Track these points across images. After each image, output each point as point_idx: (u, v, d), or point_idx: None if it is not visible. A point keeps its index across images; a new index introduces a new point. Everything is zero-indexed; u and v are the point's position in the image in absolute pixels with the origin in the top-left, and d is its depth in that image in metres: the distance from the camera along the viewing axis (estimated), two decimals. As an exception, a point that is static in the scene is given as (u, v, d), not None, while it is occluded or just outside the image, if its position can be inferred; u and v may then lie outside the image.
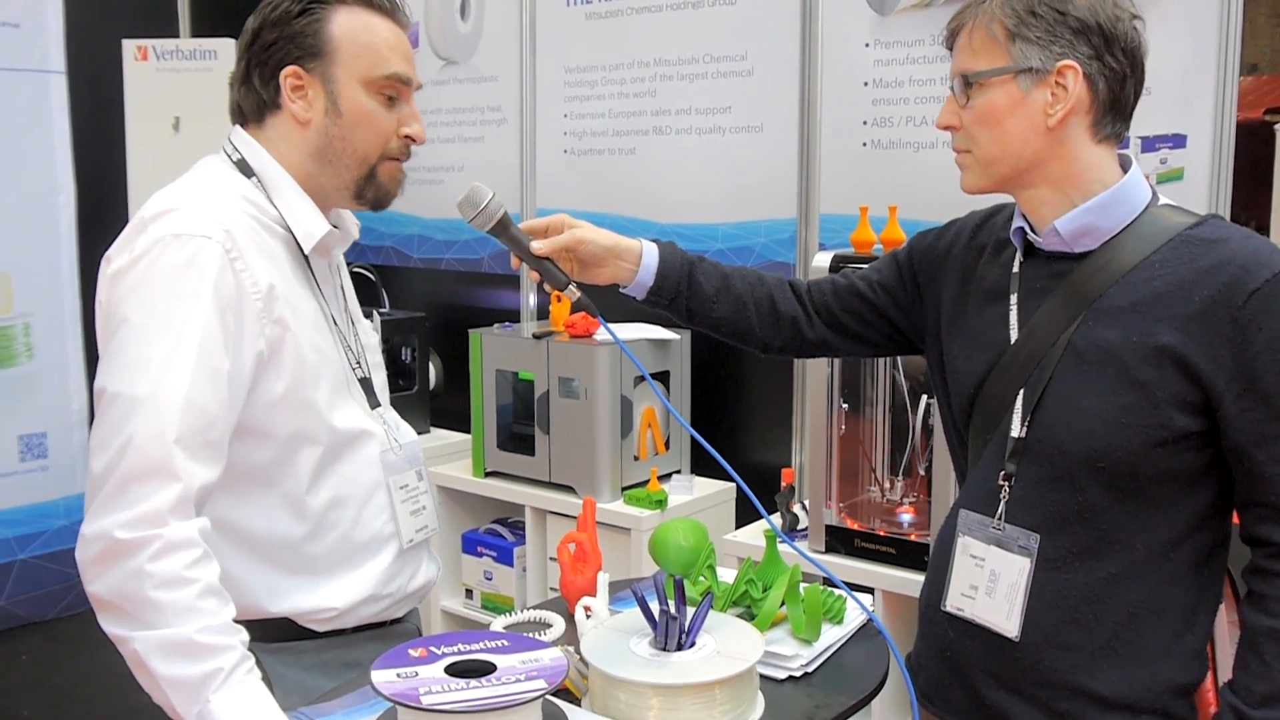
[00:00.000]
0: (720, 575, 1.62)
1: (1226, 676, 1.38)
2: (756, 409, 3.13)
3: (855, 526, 2.48)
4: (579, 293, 1.58)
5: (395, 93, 1.51)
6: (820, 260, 2.44)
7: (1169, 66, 2.36)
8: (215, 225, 1.37)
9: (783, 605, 1.50)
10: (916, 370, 2.46)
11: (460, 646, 1.30)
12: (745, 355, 2.96)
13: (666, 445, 3.08)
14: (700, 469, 3.14)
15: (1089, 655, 1.37)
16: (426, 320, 3.61)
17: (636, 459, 2.98)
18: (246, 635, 1.28)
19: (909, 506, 2.51)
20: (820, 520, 2.49)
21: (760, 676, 1.39)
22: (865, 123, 2.79)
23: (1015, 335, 1.45)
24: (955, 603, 1.46)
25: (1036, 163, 1.40)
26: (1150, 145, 2.42)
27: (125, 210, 3.93)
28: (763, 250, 3.01)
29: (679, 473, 3.11)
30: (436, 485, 3.25)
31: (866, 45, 2.77)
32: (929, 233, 1.67)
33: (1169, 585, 1.37)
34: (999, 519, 1.42)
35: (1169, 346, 1.31)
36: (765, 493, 2.78)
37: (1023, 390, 1.42)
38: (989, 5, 1.40)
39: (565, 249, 1.58)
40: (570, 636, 1.53)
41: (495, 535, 3.24)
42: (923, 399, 2.42)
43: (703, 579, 1.56)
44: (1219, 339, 1.30)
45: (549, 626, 1.57)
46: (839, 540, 2.48)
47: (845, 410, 2.52)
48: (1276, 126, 2.39)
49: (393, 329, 3.59)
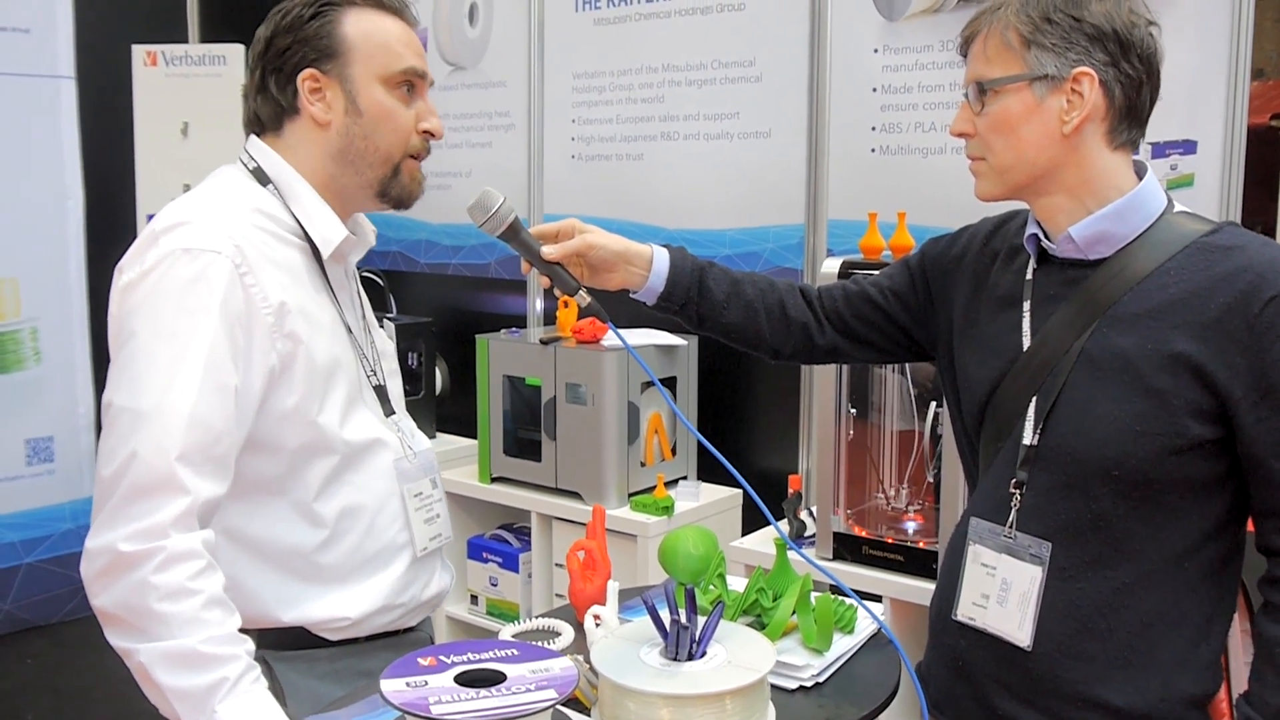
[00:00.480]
0: (733, 583, 1.61)
1: (1241, 688, 1.37)
2: (763, 415, 3.12)
3: (863, 534, 2.46)
4: (589, 298, 1.57)
5: (412, 88, 1.51)
6: (829, 266, 2.43)
7: (1179, 72, 2.34)
8: (225, 240, 1.37)
9: (793, 614, 1.49)
10: (924, 377, 2.45)
11: (470, 655, 1.29)
12: (752, 361, 2.96)
13: (673, 451, 3.07)
14: (707, 475, 3.13)
15: (1102, 665, 1.36)
16: (433, 325, 3.61)
17: (643, 465, 2.97)
18: (252, 645, 1.27)
19: (916, 514, 2.50)
20: (828, 527, 2.48)
21: (771, 686, 1.38)
22: (873, 128, 2.79)
23: (1028, 342, 1.44)
24: (966, 612, 1.45)
25: (1052, 170, 1.40)
26: (1160, 151, 2.41)
27: (134, 215, 3.93)
28: (770, 256, 3.00)
29: (685, 479, 3.10)
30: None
31: (875, 51, 2.76)
32: (941, 239, 1.66)
33: (1183, 595, 1.36)
34: (1010, 527, 1.41)
35: (1184, 354, 1.30)
36: (772, 500, 2.76)
37: (1035, 398, 1.41)
38: (1004, 12, 1.39)
39: (576, 254, 1.58)
40: (579, 645, 1.52)
41: (501, 541, 3.23)
42: (931, 406, 2.40)
43: (713, 588, 1.55)
44: (1235, 346, 1.29)
45: (558, 635, 1.56)
46: (846, 548, 2.47)
47: (853, 417, 2.51)
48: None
49: (399, 334, 3.58)
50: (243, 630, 1.37)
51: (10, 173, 3.67)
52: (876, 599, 2.39)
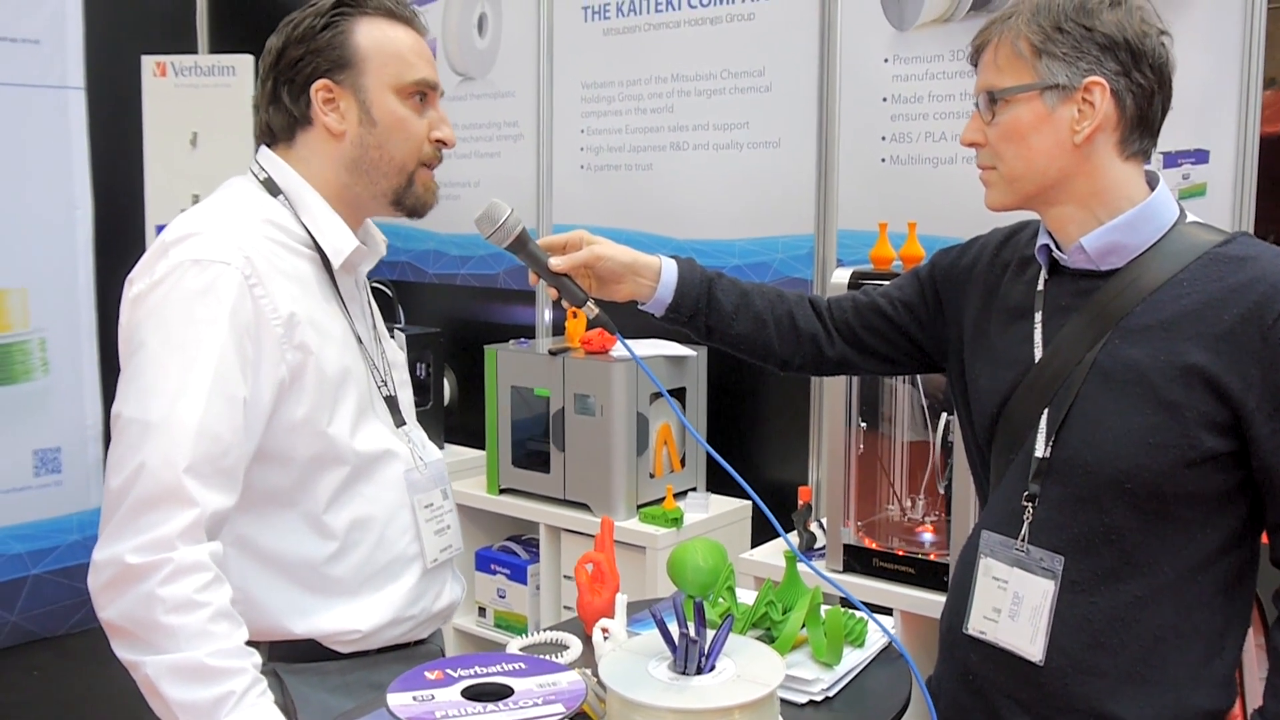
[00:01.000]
0: (743, 595, 1.60)
1: (1256, 703, 1.35)
2: (773, 426, 3.11)
3: (873, 546, 2.45)
4: (597, 309, 1.56)
5: (424, 98, 1.51)
6: (839, 276, 2.42)
7: (1191, 81, 2.33)
8: (235, 251, 1.36)
9: (803, 628, 1.48)
10: (935, 388, 2.43)
11: (477, 669, 1.28)
12: (762, 372, 2.95)
13: (682, 463, 3.06)
14: (716, 487, 3.12)
15: (1114, 680, 1.34)
16: (442, 336, 3.60)
17: (652, 476, 2.96)
18: (259, 658, 1.27)
19: (928, 525, 2.48)
20: (838, 539, 2.47)
21: (781, 701, 1.36)
22: (884, 138, 2.78)
23: (1039, 354, 1.43)
24: (978, 625, 1.44)
25: (1063, 180, 1.38)
26: (1172, 161, 2.39)
27: (143, 226, 3.94)
28: (780, 266, 2.99)
29: (695, 490, 3.09)
30: (451, 502, 3.23)
31: (885, 60, 2.76)
32: (951, 249, 1.65)
33: (1196, 609, 1.34)
34: (1022, 540, 1.40)
35: (1197, 366, 1.29)
36: (782, 511, 2.76)
37: (1047, 410, 1.40)
38: (1015, 21, 1.39)
39: (583, 265, 1.57)
40: (588, 658, 1.51)
41: (509, 553, 3.22)
42: (942, 416, 2.39)
43: (722, 600, 1.54)
44: (1249, 358, 1.28)
45: (566, 648, 1.55)
46: (857, 560, 2.45)
47: (864, 427, 2.49)
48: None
49: (408, 345, 3.58)
50: (254, 642, 1.37)
51: (20, 183, 3.68)
52: (887, 612, 2.38)
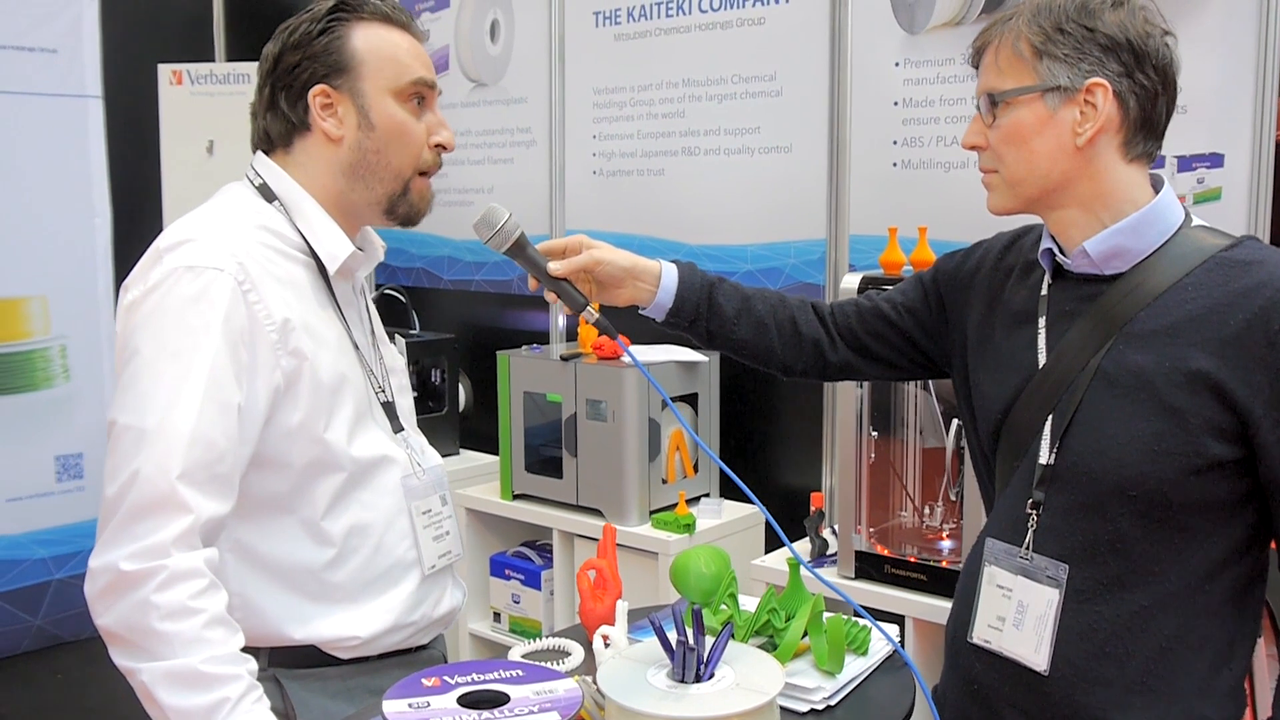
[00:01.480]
0: (748, 603, 1.59)
1: (1266, 714, 1.33)
2: (786, 432, 3.09)
3: (886, 552, 2.43)
4: (597, 314, 1.56)
5: (422, 99, 1.51)
6: (849, 281, 2.41)
7: (1206, 84, 2.31)
8: (228, 257, 1.37)
9: (806, 636, 1.46)
10: (949, 393, 2.41)
11: (474, 676, 1.28)
12: (775, 378, 2.94)
13: (695, 469, 3.05)
14: (730, 493, 3.11)
15: (1120, 691, 1.33)
16: (456, 342, 3.61)
17: (665, 482, 2.95)
18: (255, 664, 1.27)
19: (942, 532, 2.46)
20: (850, 546, 2.45)
21: (782, 709, 1.35)
22: (895, 142, 2.76)
23: (1043, 359, 1.41)
24: (982, 634, 1.42)
25: (1065, 183, 1.37)
26: (1187, 165, 2.37)
27: (160, 233, 3.96)
28: (792, 271, 2.98)
29: (708, 496, 3.08)
30: (465, 508, 3.24)
31: (896, 64, 2.74)
32: (955, 254, 1.64)
33: (1204, 619, 1.33)
34: (1026, 548, 1.38)
35: (1203, 371, 1.27)
36: (795, 517, 2.74)
37: (1051, 416, 1.38)
38: (1015, 22, 1.37)
39: (583, 270, 1.57)
40: (589, 665, 1.51)
41: (523, 559, 3.22)
42: (954, 422, 2.37)
43: (724, 608, 1.53)
44: (1255, 364, 1.26)
45: (568, 655, 1.54)
46: (869, 566, 2.43)
47: (877, 432, 2.48)
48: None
49: (422, 350, 3.59)
50: (254, 648, 1.37)
51: (39, 192, 3.71)
52: (899, 619, 2.36)
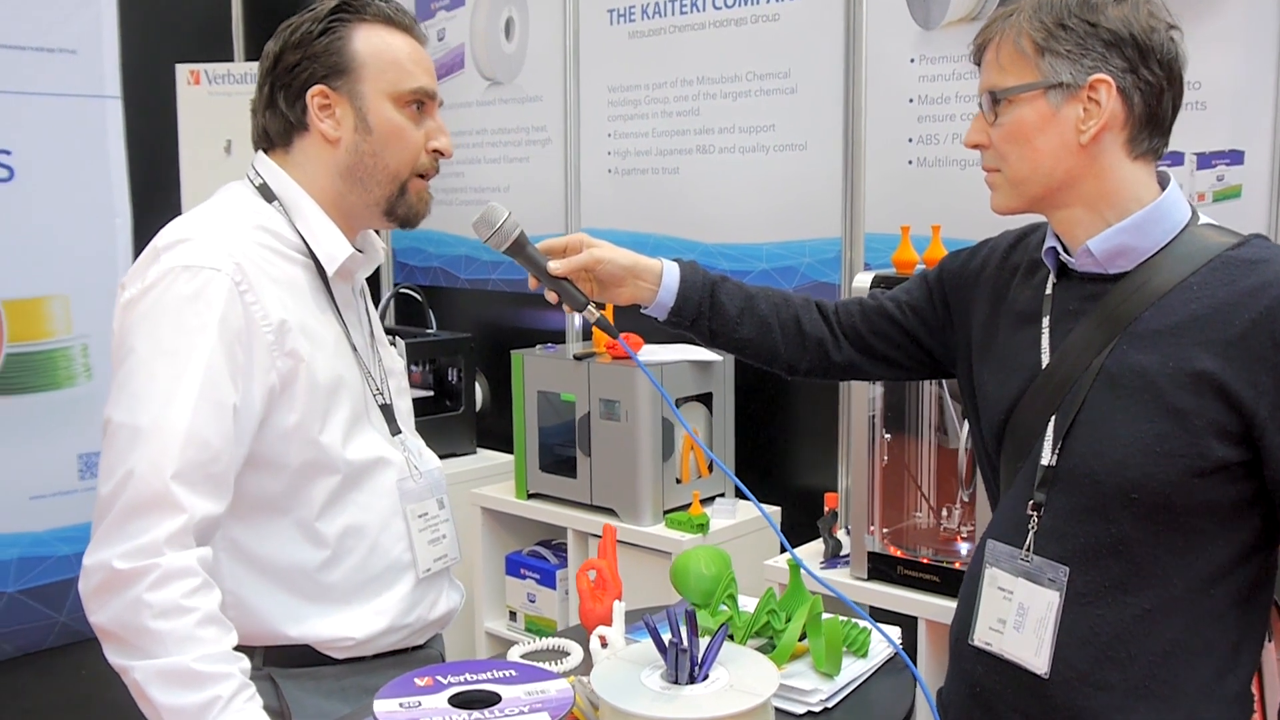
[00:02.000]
0: (749, 603, 1.58)
1: (1276, 718, 1.31)
2: (802, 431, 3.07)
3: (898, 554, 2.41)
4: (598, 313, 1.55)
5: (421, 106, 1.51)
6: (861, 280, 2.38)
7: (1225, 80, 2.28)
8: (225, 257, 1.37)
9: (804, 638, 1.45)
10: (963, 393, 2.39)
11: (467, 676, 1.27)
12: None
13: (710, 468, 3.04)
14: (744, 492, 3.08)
15: (1123, 695, 1.31)
16: (473, 341, 3.61)
17: (679, 482, 2.93)
18: (248, 663, 1.27)
19: (959, 534, 2.44)
20: (862, 546, 2.43)
21: (779, 711, 1.34)
22: (910, 140, 2.74)
23: (1047, 359, 1.39)
24: (983, 637, 1.41)
25: (1069, 181, 1.35)
26: (1206, 162, 2.33)
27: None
28: (807, 270, 2.96)
29: (723, 496, 3.06)
30: (481, 506, 3.24)
31: (911, 61, 2.72)
32: (960, 252, 1.62)
33: (1209, 623, 1.30)
34: (1027, 550, 1.36)
35: (1207, 372, 1.25)
36: (811, 518, 2.72)
37: (1054, 417, 1.36)
38: (1017, 18, 1.36)
39: (584, 269, 1.56)
40: (588, 666, 1.50)
41: (538, 558, 3.22)
42: (967, 422, 2.34)
43: (724, 608, 1.52)
44: (1260, 365, 1.24)
45: (566, 655, 1.54)
46: (882, 567, 2.41)
47: (892, 432, 2.45)
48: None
49: (439, 349, 3.59)
50: (249, 647, 1.38)
51: (60, 192, 3.74)
52: (912, 621, 2.34)
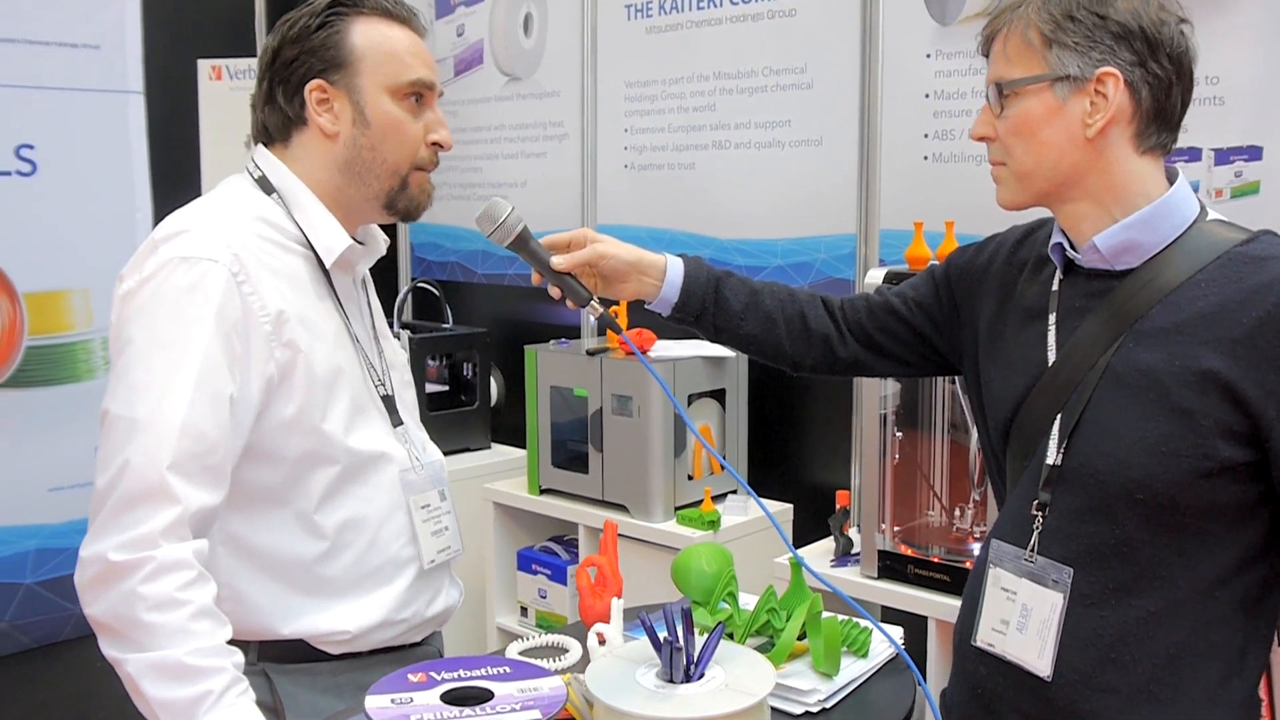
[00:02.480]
0: (751, 602, 1.56)
1: (1281, 725, 1.29)
2: (817, 428, 3.05)
3: (909, 552, 2.39)
4: (601, 309, 1.55)
5: (420, 99, 1.50)
6: (873, 276, 2.37)
7: (1244, 74, 2.24)
8: (223, 248, 1.37)
9: (804, 637, 1.44)
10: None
11: (461, 672, 1.27)
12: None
13: (722, 465, 3.02)
14: (757, 490, 3.05)
15: (1126, 698, 1.29)
16: (488, 336, 3.61)
17: (690, 478, 2.92)
18: (241, 657, 1.26)
19: (973, 534, 2.41)
20: (873, 545, 2.41)
21: (776, 711, 1.33)
22: (926, 135, 2.71)
23: (1053, 357, 1.37)
24: (986, 638, 1.39)
25: (1075, 176, 1.33)
26: (1224, 158, 2.30)
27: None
28: (822, 266, 2.94)
29: (734, 493, 3.04)
30: (493, 501, 3.24)
31: (928, 56, 2.69)
32: (968, 248, 1.60)
33: (1215, 626, 1.28)
34: (1031, 551, 1.34)
35: (1214, 371, 1.23)
36: (824, 514, 2.70)
37: (1059, 415, 1.34)
38: (1024, 10, 1.34)
39: (587, 264, 1.55)
40: (586, 663, 1.49)
41: (550, 553, 3.21)
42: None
43: (725, 606, 1.50)
44: (1269, 364, 1.21)
45: (565, 652, 1.53)
46: (892, 566, 2.39)
47: (906, 429, 2.43)
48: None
49: (455, 344, 3.59)
50: (244, 641, 1.37)
51: (82, 186, 3.76)
52: (922, 620, 2.32)
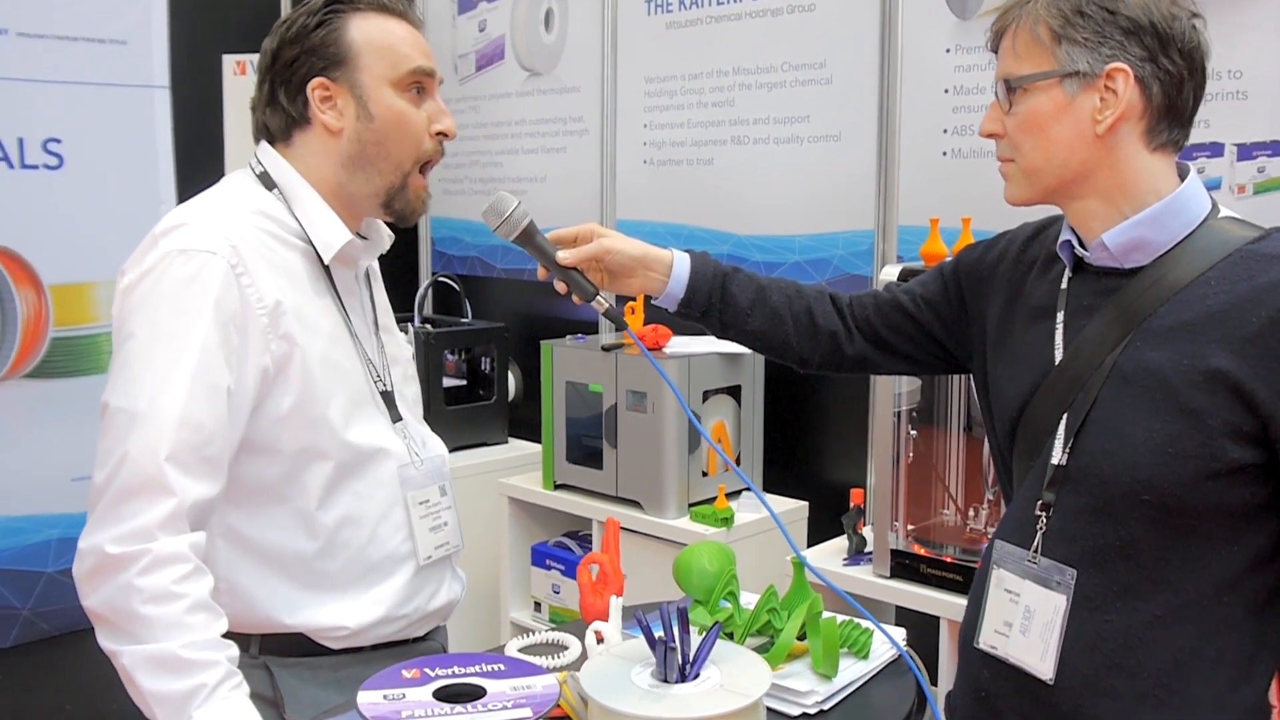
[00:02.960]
0: (753, 600, 1.55)
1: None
2: (832, 425, 3.03)
3: (922, 552, 2.37)
4: (607, 304, 1.55)
5: (422, 88, 1.50)
6: (889, 273, 2.35)
7: (1267, 69, 2.21)
8: (221, 241, 1.37)
9: (804, 638, 1.42)
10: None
11: (456, 669, 1.26)
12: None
13: (738, 461, 3.01)
14: (772, 487, 3.05)
15: (1131, 703, 1.26)
16: (506, 331, 3.61)
17: (705, 475, 2.91)
18: (236, 651, 1.26)
19: (987, 534, 2.39)
20: (885, 544, 2.39)
21: (773, 712, 1.32)
22: (945, 131, 2.69)
23: (1060, 355, 1.35)
24: (988, 640, 1.37)
25: (1085, 173, 1.31)
26: (1247, 153, 2.26)
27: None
28: (840, 263, 2.92)
29: (749, 490, 3.03)
30: (508, 496, 3.24)
31: (947, 51, 2.67)
32: (977, 245, 1.58)
33: (1222, 631, 1.26)
34: (1035, 552, 1.32)
35: (1222, 370, 1.20)
36: (838, 513, 2.68)
37: (1066, 415, 1.32)
38: (1034, 5, 1.32)
39: (593, 259, 1.55)
40: (584, 661, 1.48)
41: (564, 549, 3.21)
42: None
43: (725, 605, 1.49)
44: (1278, 363, 1.19)
45: (565, 649, 1.52)
46: (905, 566, 2.37)
47: (921, 427, 2.41)
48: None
49: (473, 339, 3.60)
50: (245, 635, 1.38)
51: (108, 180, 3.78)
52: (934, 620, 2.30)
